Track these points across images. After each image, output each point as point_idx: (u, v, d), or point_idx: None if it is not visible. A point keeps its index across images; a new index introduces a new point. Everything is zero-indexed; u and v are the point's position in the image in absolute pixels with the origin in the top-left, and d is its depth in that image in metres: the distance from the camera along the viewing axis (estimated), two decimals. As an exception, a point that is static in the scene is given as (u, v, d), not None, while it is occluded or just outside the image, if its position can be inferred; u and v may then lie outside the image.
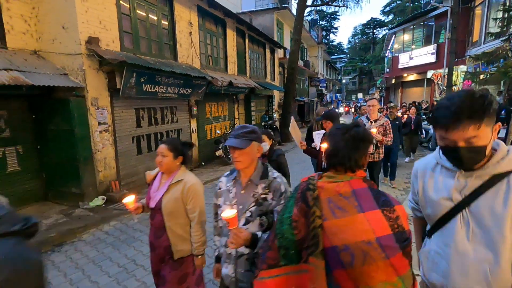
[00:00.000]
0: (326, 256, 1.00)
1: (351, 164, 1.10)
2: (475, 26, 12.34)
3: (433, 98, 15.15)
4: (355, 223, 0.99)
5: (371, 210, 1.01)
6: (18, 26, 4.87)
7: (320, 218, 1.03)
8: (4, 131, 4.79)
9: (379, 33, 46.04)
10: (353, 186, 1.07)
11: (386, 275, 0.95)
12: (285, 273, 1.06)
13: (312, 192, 1.09)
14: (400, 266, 0.96)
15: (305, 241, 1.04)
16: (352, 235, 0.98)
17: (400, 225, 1.00)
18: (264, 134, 2.67)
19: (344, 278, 0.98)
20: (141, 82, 5.75)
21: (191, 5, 7.84)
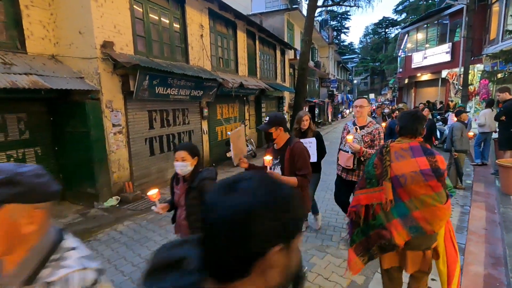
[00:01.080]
0: (392, 181, 1.83)
1: (414, 133, 1.91)
2: (492, 24, 11.97)
3: (448, 98, 14.77)
4: (408, 163, 1.80)
5: (419, 157, 1.79)
6: (37, 31, 5.05)
7: (389, 161, 1.87)
8: (24, 133, 4.97)
9: (391, 32, 45.32)
10: (410, 145, 1.87)
11: (425, 191, 1.72)
12: (369, 192, 1.96)
13: (385, 148, 1.94)
14: (435, 186, 1.71)
15: (381, 174, 1.89)
16: (406, 169, 1.78)
17: (436, 165, 1.75)
18: (183, 150, 2.04)
19: (402, 192, 1.80)
20: (154, 84, 5.86)
21: (202, 8, 7.94)
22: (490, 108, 6.97)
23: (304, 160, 2.36)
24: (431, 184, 1.69)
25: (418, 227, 1.73)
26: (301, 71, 12.34)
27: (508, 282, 2.68)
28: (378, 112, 8.82)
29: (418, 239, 1.79)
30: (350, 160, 3.19)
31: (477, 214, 4.32)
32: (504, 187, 4.81)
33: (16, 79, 4.07)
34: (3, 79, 3.92)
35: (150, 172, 6.49)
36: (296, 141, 2.45)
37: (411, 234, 1.76)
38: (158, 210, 2.15)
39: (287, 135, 2.48)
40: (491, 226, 3.93)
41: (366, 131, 3.20)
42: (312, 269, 3.08)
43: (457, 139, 5.27)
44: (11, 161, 4.81)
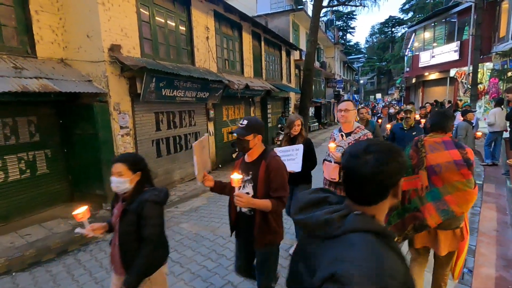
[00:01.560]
0: (427, 170, 2.08)
1: (444, 129, 2.19)
2: (502, 21, 11.75)
3: (456, 97, 14.55)
4: (442, 155, 2.08)
5: (452, 149, 2.07)
6: (47, 36, 5.15)
7: (425, 153, 2.12)
8: (34, 136, 5.07)
9: (398, 31, 44.85)
10: (443, 139, 2.15)
11: (458, 178, 2.00)
12: (406, 180, 1.98)
13: (420, 142, 2.19)
14: (466, 174, 1.98)
15: (417, 164, 2.14)
16: (441, 159, 2.06)
17: (467, 156, 2.02)
18: (120, 163, 1.76)
19: (436, 179, 2.07)
20: (161, 87, 5.92)
21: (207, 10, 7.99)
22: (500, 107, 6.84)
23: (282, 179, 1.95)
24: (463, 172, 1.99)
25: (449, 210, 2.01)
26: (307, 72, 12.31)
27: (520, 285, 2.62)
28: (384, 112, 8.67)
29: (449, 220, 2.07)
30: (336, 171, 2.73)
31: (487, 215, 4.24)
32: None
33: (27, 83, 4.16)
34: (15, 83, 4.01)
35: (157, 174, 6.54)
36: (273, 155, 2.02)
37: (442, 217, 2.02)
38: (85, 232, 1.72)
39: (263, 146, 2.09)
40: (502, 228, 3.85)
41: (353, 138, 2.78)
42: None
43: (461, 138, 5.24)
44: (22, 164, 4.91)
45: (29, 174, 5.00)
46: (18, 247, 3.82)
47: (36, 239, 4.02)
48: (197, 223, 4.63)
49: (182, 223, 4.61)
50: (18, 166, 4.85)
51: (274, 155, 2.04)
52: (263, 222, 1.97)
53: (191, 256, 3.53)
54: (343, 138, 2.83)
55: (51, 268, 3.47)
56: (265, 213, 1.95)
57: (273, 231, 2.01)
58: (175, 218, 4.85)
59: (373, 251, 0.73)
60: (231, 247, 3.70)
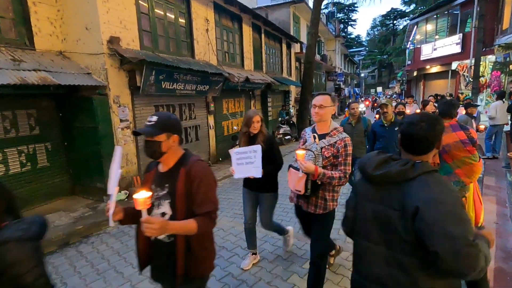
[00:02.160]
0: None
1: (450, 115, 2.66)
2: (505, 13, 11.60)
3: (458, 91, 14.47)
4: (451, 136, 2.47)
5: (458, 131, 2.49)
6: (45, 28, 5.10)
7: None
8: (34, 129, 5.06)
9: (399, 24, 44.36)
10: (450, 123, 2.54)
11: (464, 154, 2.42)
12: None
13: None
14: (471, 150, 2.41)
15: None
16: (449, 140, 2.45)
17: (471, 135, 2.46)
18: None
19: (447, 157, 2.45)
20: (160, 79, 5.88)
21: (207, 2, 7.89)
22: (501, 100, 6.80)
23: (208, 189, 1.50)
24: (468, 149, 2.42)
25: (460, 181, 2.42)
26: (308, 65, 12.22)
27: (519, 276, 2.64)
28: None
29: (459, 190, 2.43)
30: (302, 182, 2.11)
31: (488, 208, 4.25)
32: (515, 181, 4.71)
33: (26, 76, 4.13)
34: (13, 75, 3.98)
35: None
36: (194, 159, 1.54)
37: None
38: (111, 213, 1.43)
39: (181, 150, 1.60)
40: (502, 220, 3.86)
41: (327, 142, 2.16)
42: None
43: None
44: (22, 157, 4.91)
45: (30, 167, 5.01)
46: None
47: (38, 232, 4.05)
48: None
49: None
50: (18, 159, 4.86)
51: (197, 159, 1.56)
52: (188, 250, 1.49)
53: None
54: (315, 140, 2.20)
55: (53, 260, 3.50)
56: (190, 237, 1.47)
57: (201, 260, 1.55)
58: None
59: (439, 182, 1.14)
60: (231, 239, 3.73)
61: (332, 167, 2.16)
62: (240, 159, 2.67)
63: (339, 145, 2.13)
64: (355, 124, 4.44)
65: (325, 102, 2.16)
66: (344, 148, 2.12)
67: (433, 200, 1.06)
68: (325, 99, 2.17)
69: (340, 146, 2.13)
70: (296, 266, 3.07)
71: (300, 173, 2.08)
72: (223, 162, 8.60)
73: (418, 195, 1.10)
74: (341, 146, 2.13)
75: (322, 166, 2.12)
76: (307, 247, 3.44)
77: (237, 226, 4.12)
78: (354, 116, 4.45)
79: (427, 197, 1.08)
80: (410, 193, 1.13)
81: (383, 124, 4.01)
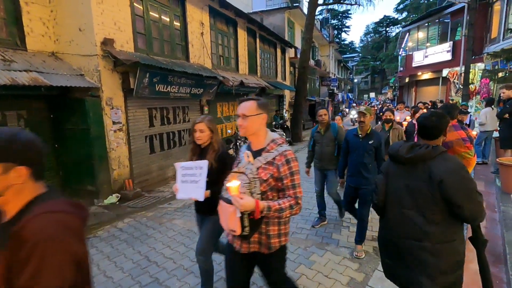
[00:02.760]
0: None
1: (451, 116, 2.74)
2: (494, 22, 11.93)
3: (448, 97, 14.75)
4: (453, 134, 2.74)
5: (459, 130, 2.81)
6: (37, 28, 5.04)
7: None
8: (24, 130, 4.96)
9: (392, 31, 45.16)
10: (452, 124, 2.75)
11: (463, 149, 2.73)
12: None
13: None
14: (469, 146, 2.74)
15: None
16: (451, 137, 2.72)
17: (469, 134, 2.93)
18: None
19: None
20: (154, 82, 5.85)
21: (202, 6, 7.91)
22: (491, 107, 6.95)
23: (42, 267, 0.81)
24: (467, 145, 2.75)
25: None
26: (302, 70, 12.33)
27: (508, 280, 2.68)
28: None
29: None
30: (235, 219, 1.51)
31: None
32: (504, 186, 4.80)
33: (16, 76, 4.07)
34: (3, 76, 3.91)
35: (150, 170, 6.49)
36: (42, 210, 0.91)
37: None
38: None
39: (36, 190, 0.98)
40: (491, 225, 3.92)
41: (263, 160, 1.64)
42: (312, 267, 3.08)
43: None
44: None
45: (19, 169, 4.90)
46: (7, 243, 3.75)
47: (25, 235, 3.95)
48: (190, 219, 4.61)
49: (175, 220, 4.59)
50: (7, 161, 4.75)
51: (47, 210, 0.91)
52: None
53: (184, 252, 3.51)
54: (249, 159, 1.66)
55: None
56: None
57: None
58: (168, 215, 4.82)
59: (451, 159, 1.65)
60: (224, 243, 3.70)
61: (278, 192, 1.64)
62: (186, 175, 2.13)
63: (279, 162, 1.60)
64: (324, 133, 3.94)
65: (248, 110, 1.64)
66: (286, 166, 1.59)
67: (452, 171, 1.58)
68: (248, 107, 1.65)
69: (281, 164, 1.59)
70: (288, 270, 3.06)
71: (238, 213, 1.48)
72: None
73: (441, 169, 1.58)
74: (281, 163, 1.59)
75: (260, 192, 1.59)
76: (299, 251, 3.44)
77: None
78: (323, 124, 3.92)
79: (447, 170, 1.58)
80: (434, 168, 1.59)
81: (357, 134, 3.33)
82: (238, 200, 1.45)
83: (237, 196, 1.45)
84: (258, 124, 1.67)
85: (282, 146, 1.68)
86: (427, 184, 1.61)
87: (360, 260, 3.21)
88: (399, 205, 1.74)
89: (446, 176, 1.55)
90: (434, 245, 1.63)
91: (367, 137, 3.29)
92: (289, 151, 1.63)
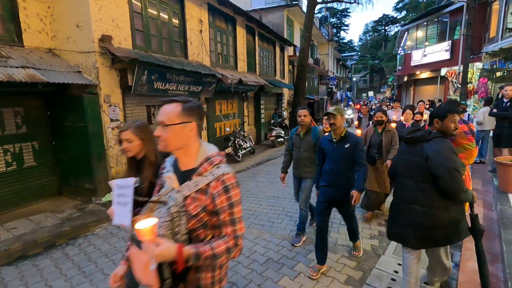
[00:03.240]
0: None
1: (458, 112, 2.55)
2: (492, 22, 11.95)
3: (447, 96, 14.79)
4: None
5: (462, 124, 2.80)
6: (34, 25, 4.99)
7: None
8: (21, 127, 4.93)
9: (391, 30, 45.24)
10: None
11: (466, 142, 2.93)
12: None
13: None
14: (471, 139, 2.95)
15: None
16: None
17: (471, 128, 3.11)
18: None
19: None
20: (152, 79, 5.82)
21: (201, 3, 7.87)
22: (489, 106, 6.96)
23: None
24: (469, 138, 2.93)
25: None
26: (301, 68, 12.31)
27: (505, 278, 2.69)
28: (364, 111, 7.02)
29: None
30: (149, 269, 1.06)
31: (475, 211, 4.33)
32: (501, 185, 4.82)
33: (13, 72, 4.03)
34: (0, 72, 3.88)
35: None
36: None
37: None
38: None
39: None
40: (489, 223, 3.94)
41: (193, 186, 1.18)
42: (310, 265, 3.09)
43: None
44: (8, 156, 4.78)
45: (16, 166, 4.87)
46: (4, 240, 3.73)
47: (22, 233, 3.93)
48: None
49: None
50: (4, 158, 4.72)
51: None
52: None
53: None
54: (173, 183, 1.22)
55: (38, 262, 3.40)
56: None
57: None
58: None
59: (443, 142, 2.07)
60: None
61: (212, 229, 1.19)
62: (119, 196, 1.60)
63: (215, 191, 1.13)
64: (303, 136, 3.50)
65: (168, 117, 1.15)
66: (225, 196, 1.13)
67: (437, 151, 2.03)
68: (168, 113, 1.16)
69: (217, 193, 1.13)
70: (287, 268, 3.07)
71: (153, 264, 1.04)
72: (215, 164, 8.56)
73: (430, 149, 2.06)
74: (217, 192, 1.13)
75: (187, 231, 1.15)
76: (298, 249, 3.44)
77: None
78: (303, 126, 3.48)
79: (433, 149, 2.05)
80: (426, 148, 2.09)
81: (332, 139, 2.94)
82: (152, 247, 1.02)
83: (151, 242, 1.02)
84: (184, 137, 1.18)
85: (220, 167, 1.19)
86: (420, 159, 2.10)
87: (358, 258, 3.22)
88: (402, 175, 2.28)
89: (432, 154, 2.03)
90: (422, 207, 2.12)
91: (342, 140, 2.88)
92: (228, 175, 1.16)
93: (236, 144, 8.73)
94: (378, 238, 3.65)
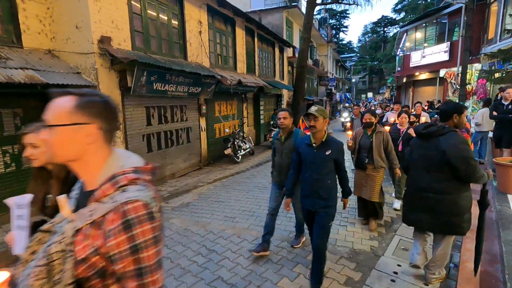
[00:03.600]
0: None
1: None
2: (491, 23, 12.00)
3: (445, 97, 14.82)
4: None
5: None
6: (34, 26, 4.99)
7: None
8: (20, 129, 4.91)
9: (390, 31, 45.37)
10: None
11: (466, 138, 2.81)
12: None
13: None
14: (466, 136, 3.29)
15: None
16: None
17: (466, 127, 3.94)
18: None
19: None
20: (152, 80, 5.82)
21: (200, 4, 7.88)
22: (488, 108, 6.99)
23: None
24: (465, 135, 3.01)
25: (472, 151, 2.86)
26: (300, 69, 12.31)
27: (504, 279, 2.69)
28: (356, 112, 6.71)
29: None
30: None
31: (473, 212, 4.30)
32: (500, 185, 4.83)
33: (12, 74, 4.03)
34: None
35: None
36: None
37: None
38: None
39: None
40: (488, 224, 3.94)
41: (88, 214, 0.78)
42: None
43: None
44: (7, 157, 4.76)
45: (14, 168, 4.86)
46: (2, 243, 3.72)
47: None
48: (187, 218, 4.60)
49: (172, 219, 4.57)
50: (3, 160, 4.71)
51: None
52: None
53: (181, 252, 3.50)
54: (63, 210, 0.83)
55: (36, 263, 3.38)
56: None
57: None
58: (166, 214, 4.81)
59: (456, 135, 2.34)
60: (222, 243, 3.69)
61: (116, 281, 0.77)
62: (19, 217, 1.28)
63: (110, 228, 0.75)
64: (284, 140, 3.24)
65: (54, 115, 0.84)
66: (124, 235, 0.74)
67: (453, 144, 2.28)
68: (54, 109, 0.86)
69: (111, 231, 0.74)
70: (287, 269, 3.06)
71: None
72: (214, 165, 8.56)
73: (445, 143, 2.31)
74: (113, 230, 0.74)
75: (72, 282, 0.75)
76: (297, 250, 3.44)
77: (228, 229, 4.09)
78: (284, 130, 3.24)
79: (449, 143, 2.29)
80: (441, 142, 2.33)
81: (311, 143, 2.60)
82: None
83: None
84: (77, 144, 0.82)
85: (127, 190, 0.80)
86: (436, 152, 2.35)
87: (357, 259, 3.21)
88: (417, 167, 2.55)
89: (447, 148, 2.28)
90: (436, 195, 2.40)
91: (323, 146, 2.55)
92: (135, 203, 0.76)
93: (236, 145, 8.73)
94: (378, 239, 3.64)
